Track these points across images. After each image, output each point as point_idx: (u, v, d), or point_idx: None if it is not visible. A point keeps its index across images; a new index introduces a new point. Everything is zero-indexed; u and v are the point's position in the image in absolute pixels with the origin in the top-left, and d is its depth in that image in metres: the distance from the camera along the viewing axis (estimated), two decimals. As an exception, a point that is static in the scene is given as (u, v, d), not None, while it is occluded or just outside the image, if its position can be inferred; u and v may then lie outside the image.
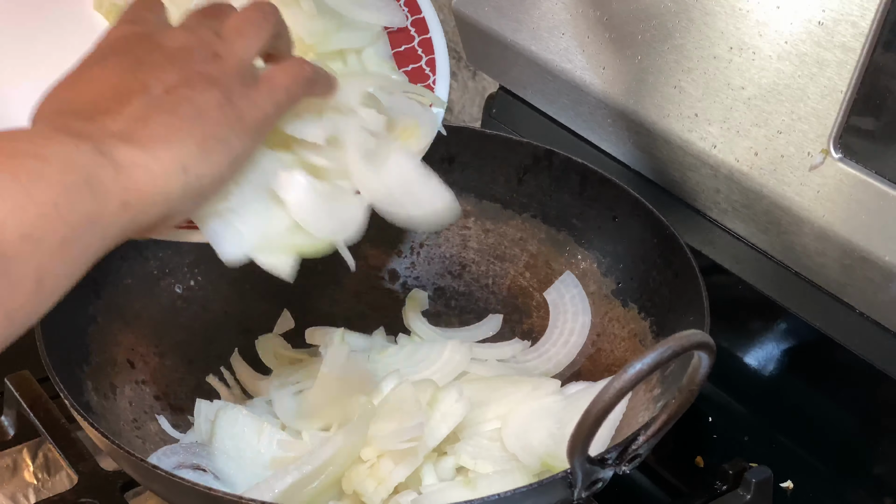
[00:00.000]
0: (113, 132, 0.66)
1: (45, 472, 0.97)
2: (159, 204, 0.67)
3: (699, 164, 0.93)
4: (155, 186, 0.66)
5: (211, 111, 0.70)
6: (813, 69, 0.83)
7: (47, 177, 0.61)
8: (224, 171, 0.71)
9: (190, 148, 0.68)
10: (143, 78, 0.70)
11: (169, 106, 0.69)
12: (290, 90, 0.75)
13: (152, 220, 0.67)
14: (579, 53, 1.01)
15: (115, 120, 0.67)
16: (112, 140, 0.65)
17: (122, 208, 0.64)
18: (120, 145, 0.65)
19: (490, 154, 1.03)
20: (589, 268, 0.99)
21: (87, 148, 0.64)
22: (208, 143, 0.69)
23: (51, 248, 0.60)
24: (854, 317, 0.87)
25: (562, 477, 0.72)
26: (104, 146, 0.65)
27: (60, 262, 0.62)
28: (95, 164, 0.63)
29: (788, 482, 0.92)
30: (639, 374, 0.66)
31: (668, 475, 0.95)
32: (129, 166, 0.65)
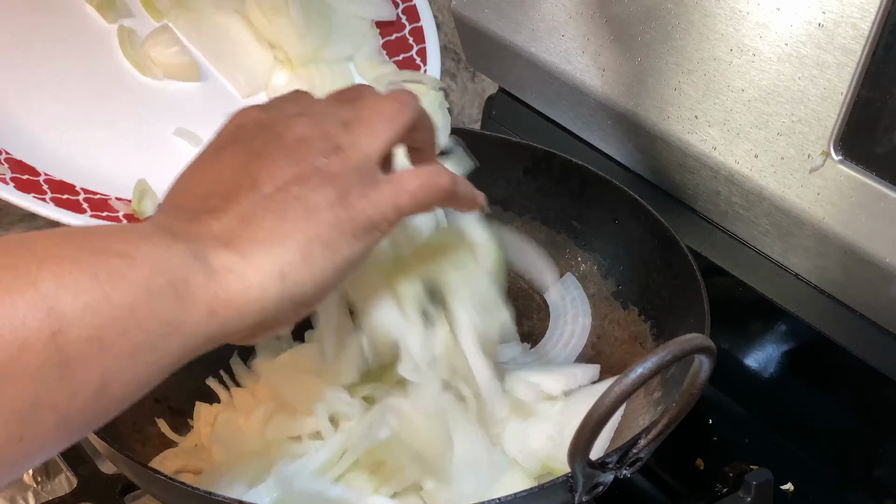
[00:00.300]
0: (213, 234, 0.63)
1: (44, 476, 0.97)
2: (251, 314, 0.63)
3: (699, 165, 0.93)
4: (247, 295, 0.62)
5: (322, 211, 0.66)
6: (813, 71, 0.83)
7: (130, 278, 0.57)
8: (328, 277, 0.66)
9: (291, 253, 0.64)
10: (255, 173, 0.67)
11: (277, 205, 0.65)
12: (417, 196, 0.70)
13: (244, 328, 0.63)
14: (579, 55, 1.01)
15: (219, 220, 0.64)
16: (210, 243, 0.62)
17: (208, 317, 0.61)
18: (217, 249, 0.62)
19: (490, 156, 1.03)
20: (589, 270, 0.99)
21: (180, 250, 0.61)
22: (313, 247, 0.65)
23: (121, 354, 0.56)
24: (854, 319, 0.87)
25: (563, 481, 0.72)
26: (200, 250, 0.62)
27: (131, 370, 0.58)
28: (185, 269, 0.60)
29: (789, 484, 0.92)
30: (640, 378, 0.65)
31: (669, 477, 0.95)
32: (222, 273, 0.61)
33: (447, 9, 1.37)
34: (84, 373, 0.55)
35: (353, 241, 0.67)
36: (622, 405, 0.68)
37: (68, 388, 0.55)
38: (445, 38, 1.40)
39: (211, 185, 0.67)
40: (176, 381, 0.93)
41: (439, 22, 1.39)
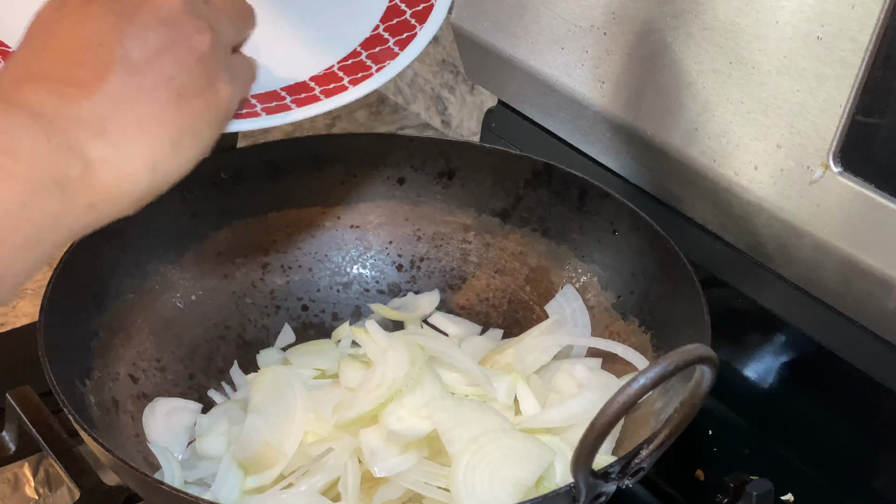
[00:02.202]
0: (85, 118, 0.64)
1: (47, 488, 0.97)
2: (123, 203, 0.66)
3: (698, 177, 0.93)
4: (121, 187, 0.65)
5: (193, 97, 0.67)
6: (812, 84, 0.83)
7: (17, 174, 0.60)
8: (191, 165, 0.69)
9: (163, 145, 0.66)
10: (126, 43, 0.66)
11: (150, 86, 0.65)
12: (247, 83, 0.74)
13: (115, 216, 0.66)
14: (578, 68, 1.01)
15: (90, 98, 0.64)
16: (83, 131, 0.63)
17: (88, 209, 0.64)
18: (91, 139, 0.63)
19: (490, 168, 1.04)
20: (589, 281, 1.00)
21: (58, 142, 0.62)
22: (182, 138, 0.67)
23: (14, 246, 0.60)
24: (854, 329, 0.87)
25: (566, 491, 0.73)
26: (75, 140, 0.63)
27: (22, 261, 0.61)
28: (65, 163, 0.62)
29: (789, 495, 0.92)
30: (642, 389, 0.66)
31: (669, 488, 0.95)
32: (99, 165, 0.63)
33: (445, 22, 1.37)
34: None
35: (214, 128, 0.69)
36: (624, 415, 0.68)
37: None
38: (444, 51, 1.40)
39: (77, 46, 0.66)
40: (178, 392, 0.95)
41: (438, 35, 1.39)
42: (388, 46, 0.90)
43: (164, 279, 0.98)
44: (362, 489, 0.84)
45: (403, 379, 0.86)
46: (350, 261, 1.06)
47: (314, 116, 0.83)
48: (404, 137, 1.06)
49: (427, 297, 1.04)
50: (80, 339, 0.90)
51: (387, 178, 1.05)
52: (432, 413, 0.85)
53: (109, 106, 0.64)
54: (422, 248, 1.06)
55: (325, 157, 1.04)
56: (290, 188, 1.04)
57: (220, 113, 0.69)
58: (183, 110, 0.67)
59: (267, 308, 1.03)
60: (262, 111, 0.81)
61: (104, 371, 0.91)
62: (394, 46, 0.90)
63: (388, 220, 1.06)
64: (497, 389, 0.92)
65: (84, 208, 0.63)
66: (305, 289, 1.04)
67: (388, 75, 0.87)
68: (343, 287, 1.05)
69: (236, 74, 0.71)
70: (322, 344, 1.01)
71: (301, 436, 0.87)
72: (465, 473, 0.81)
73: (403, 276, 1.06)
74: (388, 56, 0.88)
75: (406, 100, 1.50)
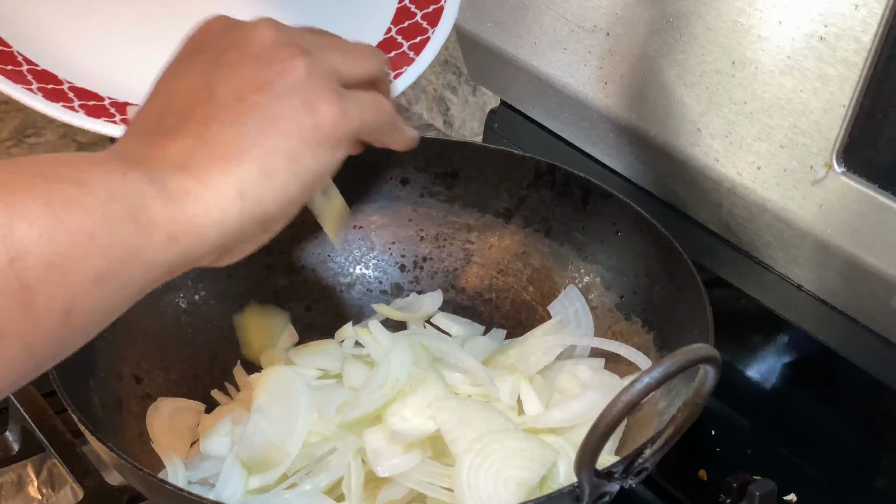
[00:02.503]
0: (169, 157, 0.61)
1: (50, 488, 0.97)
2: (212, 236, 0.61)
3: (702, 178, 0.93)
4: (206, 218, 0.61)
5: (283, 120, 0.63)
6: (815, 84, 0.84)
7: (85, 205, 0.56)
8: (292, 192, 0.64)
9: (249, 170, 0.62)
10: (213, 84, 0.64)
11: (234, 117, 0.63)
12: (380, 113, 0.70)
13: (207, 251, 0.62)
14: (581, 68, 1.01)
15: (175, 141, 0.62)
16: (166, 167, 0.61)
17: (168, 242, 0.60)
18: (173, 173, 0.61)
19: (493, 169, 1.04)
20: (592, 282, 1.00)
21: (135, 176, 0.59)
22: (273, 161, 0.63)
23: (83, 280, 0.56)
24: (857, 329, 0.87)
25: (569, 490, 0.73)
26: (156, 175, 0.60)
27: (95, 297, 0.57)
28: (141, 195, 0.59)
29: (792, 495, 0.92)
30: (647, 388, 0.66)
31: (672, 488, 0.95)
32: (180, 196, 0.60)
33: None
34: (46, 299, 0.55)
35: (318, 151, 0.65)
36: (628, 415, 0.68)
37: (32, 316, 0.54)
38: (447, 51, 1.41)
39: (168, 101, 0.65)
40: (181, 392, 0.95)
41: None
42: (403, 51, 0.90)
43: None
44: (366, 489, 0.84)
45: (407, 379, 0.86)
46: (353, 261, 1.06)
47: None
48: (407, 138, 1.06)
49: (430, 298, 1.04)
50: (83, 340, 0.90)
51: (390, 179, 1.05)
52: (436, 413, 0.85)
53: (193, 142, 0.62)
54: (425, 248, 1.06)
55: (328, 158, 1.04)
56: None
57: (322, 134, 0.65)
58: (271, 133, 0.63)
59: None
60: None
61: (108, 371, 0.91)
62: (409, 51, 0.90)
63: (391, 220, 1.06)
64: (500, 389, 0.92)
65: (163, 241, 0.59)
66: (308, 289, 1.05)
67: (408, 80, 0.88)
68: (346, 287, 1.05)
69: (348, 99, 0.67)
70: (325, 344, 1.01)
71: (304, 436, 0.87)
72: (469, 473, 0.81)
73: (406, 277, 1.06)
74: (404, 62, 0.89)
75: (408, 101, 1.50)
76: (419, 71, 0.91)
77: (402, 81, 0.90)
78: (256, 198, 0.62)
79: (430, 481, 0.83)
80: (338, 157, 0.67)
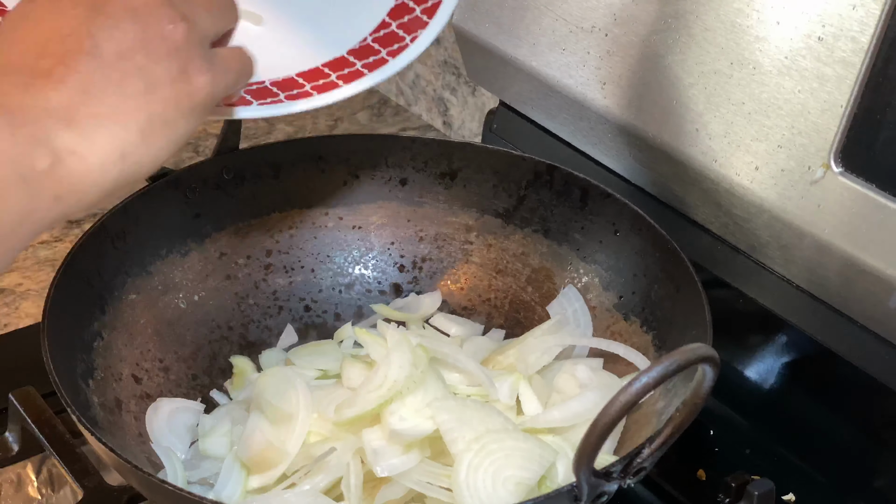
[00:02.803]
0: (52, 109, 0.62)
1: (49, 488, 0.97)
2: (92, 195, 0.64)
3: (700, 178, 0.93)
4: (89, 177, 0.63)
5: (163, 86, 0.66)
6: (813, 84, 0.84)
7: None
8: (164, 156, 0.67)
9: (132, 133, 0.65)
10: (96, 33, 0.64)
11: (118, 76, 0.64)
12: (239, 76, 0.73)
13: (83, 209, 0.65)
14: (580, 69, 1.01)
15: (57, 90, 0.63)
16: (50, 122, 0.62)
17: (54, 202, 0.62)
18: (58, 129, 0.62)
19: (492, 169, 1.04)
20: (591, 282, 1.00)
21: (23, 135, 0.61)
22: (153, 126, 0.66)
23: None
24: (855, 329, 0.87)
25: (568, 490, 0.73)
26: (42, 131, 0.62)
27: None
28: (31, 156, 0.61)
29: (790, 495, 0.92)
30: (645, 388, 0.66)
31: (671, 488, 0.95)
32: (66, 156, 0.62)
33: (448, 24, 1.37)
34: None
35: (190, 118, 0.68)
36: (626, 414, 0.69)
37: None
38: (446, 52, 1.41)
39: (45, 37, 0.65)
40: (181, 393, 0.95)
41: (440, 37, 1.39)
42: (400, 35, 0.90)
43: (167, 280, 0.99)
44: (365, 489, 0.84)
45: (405, 380, 0.86)
46: (352, 261, 1.06)
47: (317, 118, 0.84)
48: (406, 138, 1.06)
49: (429, 298, 1.05)
50: (83, 340, 0.90)
51: (389, 179, 1.06)
52: (435, 413, 0.85)
53: (76, 96, 0.63)
54: (424, 248, 1.06)
55: (327, 158, 1.04)
56: (292, 189, 1.04)
57: (195, 102, 0.68)
58: (152, 99, 0.65)
59: (269, 309, 1.03)
60: (285, 98, 0.82)
61: (107, 371, 0.91)
62: (405, 35, 0.90)
63: (390, 220, 1.06)
64: (499, 390, 0.92)
65: (50, 202, 0.62)
66: (308, 289, 1.05)
67: (423, 44, 0.87)
68: (345, 288, 1.05)
69: (217, 65, 0.70)
70: (324, 344, 1.01)
71: (304, 436, 0.87)
72: (468, 473, 0.81)
73: (405, 277, 1.06)
74: (417, 26, 0.89)
75: (408, 101, 1.50)
76: (433, 34, 0.90)
77: (417, 46, 0.89)
78: (135, 160, 0.65)
79: (429, 481, 0.83)
80: (202, 120, 0.71)
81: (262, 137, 1.39)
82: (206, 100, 0.69)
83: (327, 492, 0.85)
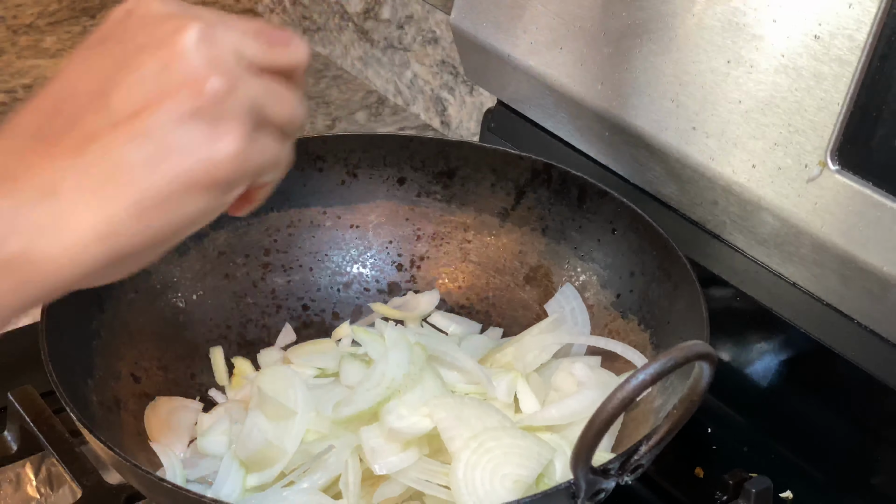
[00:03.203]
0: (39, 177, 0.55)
1: (48, 487, 0.98)
2: (65, 277, 0.55)
3: (697, 176, 0.94)
4: (64, 259, 0.55)
5: (178, 154, 0.55)
6: (810, 82, 0.84)
7: None
8: (163, 237, 0.57)
9: (119, 210, 0.55)
10: (112, 88, 0.56)
11: (122, 139, 0.55)
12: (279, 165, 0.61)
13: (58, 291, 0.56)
14: (577, 68, 1.02)
15: (53, 156, 0.55)
16: (34, 192, 0.54)
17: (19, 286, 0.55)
18: (37, 203, 0.54)
19: (490, 168, 1.04)
20: (588, 280, 1.00)
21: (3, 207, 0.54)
22: (153, 202, 0.55)
23: None
24: (852, 327, 0.87)
25: (565, 487, 0.73)
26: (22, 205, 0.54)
27: None
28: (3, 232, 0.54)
29: (788, 492, 0.92)
30: (642, 385, 0.66)
31: (669, 486, 0.95)
32: (37, 234, 0.54)
33: (445, 23, 1.38)
34: None
35: (203, 196, 0.56)
36: (623, 411, 0.69)
37: None
38: (443, 52, 1.41)
39: (64, 97, 0.57)
40: (179, 391, 0.95)
41: (437, 36, 1.40)
42: None
43: (165, 278, 0.99)
44: (363, 487, 0.85)
45: (403, 378, 0.87)
46: (350, 260, 1.06)
47: (314, 118, 0.83)
48: (404, 137, 1.06)
49: (427, 297, 1.05)
50: (81, 339, 0.90)
51: (387, 178, 1.06)
52: (433, 411, 0.85)
53: (68, 165, 0.55)
54: (422, 247, 1.06)
55: (325, 158, 1.05)
56: (290, 188, 1.04)
57: (214, 178, 0.56)
58: (158, 169, 0.55)
59: (268, 307, 1.03)
60: None
61: (106, 370, 0.91)
62: None
63: (388, 219, 1.06)
64: (497, 388, 0.92)
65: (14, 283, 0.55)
66: (306, 288, 1.05)
67: None
68: (343, 286, 1.06)
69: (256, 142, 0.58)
70: (322, 343, 1.01)
71: (302, 434, 0.87)
72: (466, 471, 0.82)
73: (403, 276, 1.06)
74: None
75: (406, 101, 1.50)
76: None
77: None
78: (124, 241, 0.56)
79: (427, 479, 0.84)
80: (225, 202, 0.59)
81: (260, 137, 1.40)
82: (230, 178, 0.57)
83: (326, 490, 0.85)
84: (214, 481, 0.87)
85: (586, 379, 0.92)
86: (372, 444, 0.85)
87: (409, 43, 1.45)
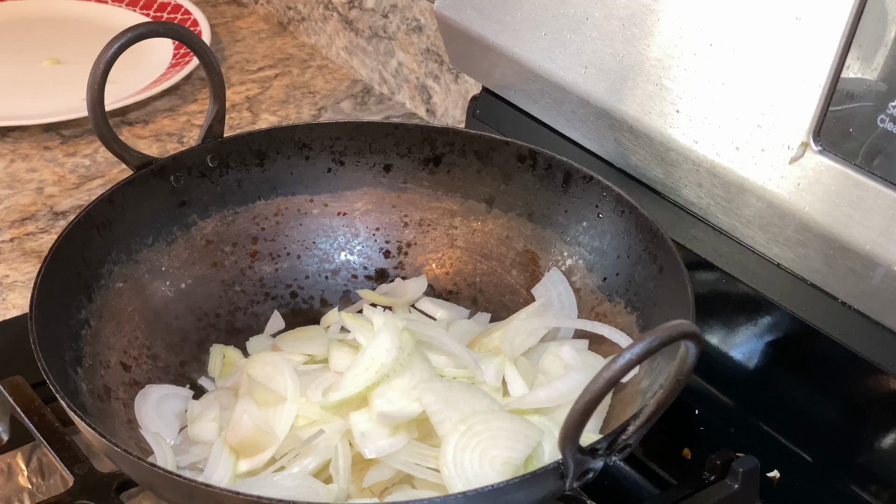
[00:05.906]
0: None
1: (40, 477, 0.98)
2: None
3: (681, 159, 0.94)
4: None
5: None
6: (792, 63, 0.84)
7: None
8: None
9: None
10: None
11: None
12: None
13: None
14: (561, 53, 1.02)
15: None
16: None
17: None
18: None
19: (475, 154, 1.05)
20: (575, 264, 1.01)
21: None
22: None
23: None
24: (837, 307, 0.88)
25: (554, 467, 0.74)
26: None
27: None
28: None
29: (775, 472, 0.93)
30: (629, 364, 0.67)
31: (657, 467, 0.96)
32: None
33: (430, 11, 1.38)
34: None
35: None
36: (610, 390, 0.69)
37: None
38: (428, 40, 1.41)
39: None
40: (169, 379, 0.96)
41: (422, 24, 1.40)
42: None
43: (153, 267, 0.99)
44: (353, 471, 0.85)
45: (392, 363, 0.87)
46: (338, 247, 1.06)
47: (300, 108, 0.84)
48: (390, 124, 1.07)
49: (415, 283, 1.05)
50: (71, 328, 0.90)
51: (373, 166, 1.06)
52: (421, 395, 0.86)
53: None
54: (409, 234, 1.07)
55: (311, 146, 1.05)
56: (277, 176, 1.05)
57: None
58: None
59: (256, 295, 1.04)
60: None
61: (96, 359, 0.91)
62: None
63: (374, 206, 1.07)
64: (485, 372, 0.93)
65: None
66: (294, 276, 1.05)
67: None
68: (331, 274, 1.06)
69: None
70: (311, 330, 1.02)
71: (292, 420, 0.88)
72: (455, 454, 0.82)
73: (391, 262, 1.07)
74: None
75: (391, 90, 1.51)
76: None
77: None
78: None
79: (416, 462, 0.84)
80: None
81: (246, 127, 1.40)
82: None
83: (316, 474, 0.85)
84: (205, 467, 0.87)
85: (574, 362, 0.93)
86: (362, 428, 0.85)
87: (394, 32, 1.46)
